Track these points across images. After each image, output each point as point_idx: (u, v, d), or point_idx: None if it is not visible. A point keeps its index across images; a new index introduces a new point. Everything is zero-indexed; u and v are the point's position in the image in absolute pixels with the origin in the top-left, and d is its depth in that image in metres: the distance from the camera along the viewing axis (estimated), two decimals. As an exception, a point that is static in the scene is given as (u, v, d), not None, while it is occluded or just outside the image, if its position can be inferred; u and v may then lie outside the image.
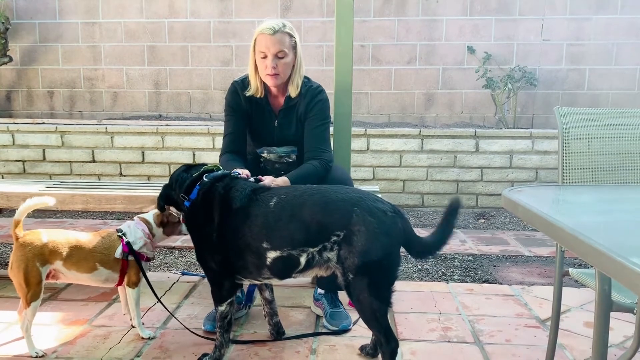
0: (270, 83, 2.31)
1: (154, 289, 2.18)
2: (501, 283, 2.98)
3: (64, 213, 4.43)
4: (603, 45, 5.57)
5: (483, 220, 4.49)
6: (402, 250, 1.84)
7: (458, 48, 5.70)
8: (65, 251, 2.03)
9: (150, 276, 2.22)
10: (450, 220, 1.84)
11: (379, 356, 1.90)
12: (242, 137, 2.42)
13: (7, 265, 2.04)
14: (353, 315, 2.32)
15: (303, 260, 1.83)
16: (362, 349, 2.10)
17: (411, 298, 2.68)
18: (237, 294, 2.20)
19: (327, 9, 5.73)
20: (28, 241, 1.99)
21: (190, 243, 2.11)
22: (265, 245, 1.84)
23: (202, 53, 5.91)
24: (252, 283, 2.17)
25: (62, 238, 2.06)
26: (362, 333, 2.25)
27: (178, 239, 3.60)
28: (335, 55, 2.71)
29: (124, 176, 4.88)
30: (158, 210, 2.19)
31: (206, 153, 4.79)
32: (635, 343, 1.38)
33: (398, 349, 1.81)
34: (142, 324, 2.24)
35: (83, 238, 2.11)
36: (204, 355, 2.01)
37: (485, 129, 4.98)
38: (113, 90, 6.04)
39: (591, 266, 1.34)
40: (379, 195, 2.03)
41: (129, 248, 2.11)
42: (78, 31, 5.96)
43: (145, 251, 2.16)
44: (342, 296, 2.31)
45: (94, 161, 4.90)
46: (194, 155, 4.82)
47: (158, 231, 2.20)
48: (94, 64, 6.01)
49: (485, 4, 5.63)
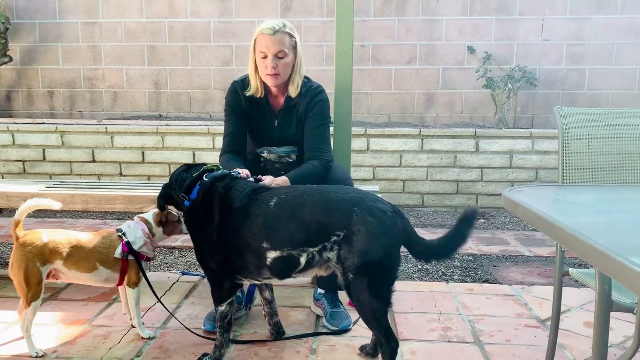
0: (270, 83, 2.31)
1: (154, 289, 2.18)
2: (501, 283, 2.98)
3: (64, 213, 4.43)
4: (603, 45, 5.57)
5: (483, 220, 4.48)
6: (403, 250, 1.84)
7: (458, 48, 5.70)
8: (65, 251, 2.03)
9: (150, 276, 2.22)
10: (461, 229, 1.76)
11: (379, 356, 1.90)
12: (242, 137, 2.42)
13: (7, 265, 2.05)
14: (353, 315, 2.32)
15: (303, 260, 1.83)
16: (362, 349, 2.10)
17: (411, 298, 2.68)
18: (237, 294, 2.20)
19: (327, 9, 5.73)
20: (28, 241, 2.00)
21: (190, 243, 2.11)
22: (265, 245, 1.84)
23: (202, 53, 5.91)
24: (252, 283, 2.17)
25: (63, 238, 2.06)
26: (362, 333, 2.25)
27: (178, 239, 3.60)
28: (335, 55, 2.71)
29: (124, 176, 4.88)
30: (158, 209, 2.19)
31: (206, 153, 4.79)
32: (635, 343, 1.38)
33: (398, 349, 1.81)
34: (142, 324, 2.24)
35: (83, 238, 2.11)
36: (204, 355, 2.01)
37: (485, 129, 4.98)
38: (113, 90, 6.04)
39: (591, 266, 1.34)
40: (379, 195, 2.03)
41: (129, 248, 2.11)
42: (78, 31, 5.96)
43: (145, 251, 2.16)
44: (342, 296, 2.31)
45: (94, 161, 4.90)
46: (194, 155, 4.82)
47: (158, 231, 2.20)
48: (94, 64, 6.01)
49: (485, 4, 5.63)
